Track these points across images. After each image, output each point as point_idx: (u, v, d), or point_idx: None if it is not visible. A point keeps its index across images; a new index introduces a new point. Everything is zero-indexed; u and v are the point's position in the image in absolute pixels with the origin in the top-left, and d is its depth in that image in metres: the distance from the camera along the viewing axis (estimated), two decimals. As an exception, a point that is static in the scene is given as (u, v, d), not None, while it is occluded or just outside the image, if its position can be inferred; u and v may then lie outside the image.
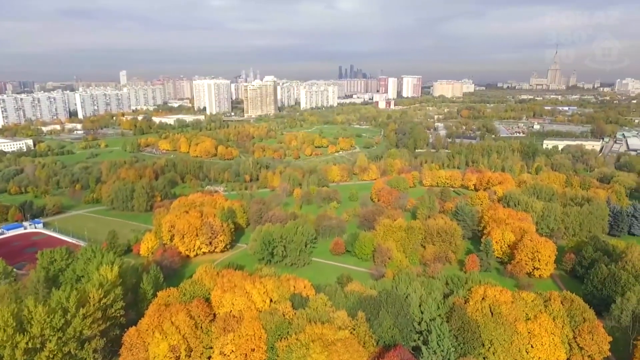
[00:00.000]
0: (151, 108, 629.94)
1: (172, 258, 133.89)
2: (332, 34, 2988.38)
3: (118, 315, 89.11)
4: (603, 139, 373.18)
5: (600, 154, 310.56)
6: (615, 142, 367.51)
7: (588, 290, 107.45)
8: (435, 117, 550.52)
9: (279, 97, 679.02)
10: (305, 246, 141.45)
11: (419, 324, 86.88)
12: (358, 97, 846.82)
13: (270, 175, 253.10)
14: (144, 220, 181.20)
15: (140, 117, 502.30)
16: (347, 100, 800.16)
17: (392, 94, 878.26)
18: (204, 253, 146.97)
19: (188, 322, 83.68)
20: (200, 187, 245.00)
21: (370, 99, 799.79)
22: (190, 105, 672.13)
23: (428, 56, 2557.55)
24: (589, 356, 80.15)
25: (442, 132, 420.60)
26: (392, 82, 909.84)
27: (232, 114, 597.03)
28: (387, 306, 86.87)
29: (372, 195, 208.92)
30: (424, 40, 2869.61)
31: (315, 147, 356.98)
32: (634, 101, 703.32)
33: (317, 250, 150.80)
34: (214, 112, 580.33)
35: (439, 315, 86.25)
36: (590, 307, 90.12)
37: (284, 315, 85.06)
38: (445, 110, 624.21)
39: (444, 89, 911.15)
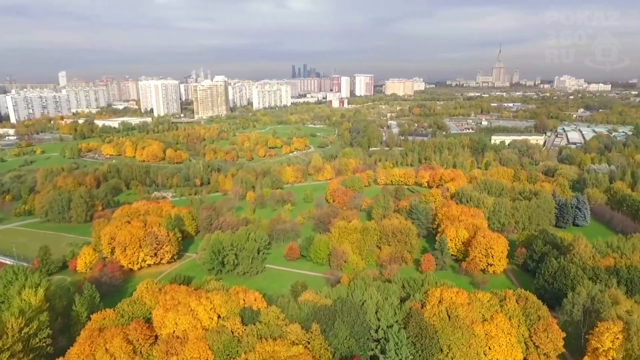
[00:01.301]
0: (94, 111, 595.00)
1: (113, 273, 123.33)
2: (284, 34, 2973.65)
3: (44, 345, 79.22)
4: (546, 133, 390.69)
5: (544, 148, 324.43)
6: (556, 136, 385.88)
7: (540, 285, 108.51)
8: (388, 115, 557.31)
9: (230, 97, 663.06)
10: (258, 253, 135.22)
11: (376, 331, 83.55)
12: (312, 97, 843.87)
13: (221, 178, 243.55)
14: (83, 232, 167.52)
15: (81, 121, 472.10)
16: (301, 100, 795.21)
17: (345, 92, 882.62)
18: (149, 265, 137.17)
19: (125, 348, 75.59)
20: (146, 193, 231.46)
21: (323, 98, 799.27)
22: (136, 107, 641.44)
23: (380, 55, 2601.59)
24: (544, 354, 79.73)
25: (395, 130, 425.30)
26: (345, 81, 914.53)
27: (182, 115, 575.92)
28: (342, 315, 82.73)
29: (327, 196, 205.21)
30: (375, 39, 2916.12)
31: (269, 147, 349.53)
32: (571, 97, 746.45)
33: (271, 256, 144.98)
34: (162, 114, 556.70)
35: (396, 322, 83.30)
36: (543, 303, 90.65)
37: (232, 333, 78.94)
38: (398, 109, 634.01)
39: (395, 87, 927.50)
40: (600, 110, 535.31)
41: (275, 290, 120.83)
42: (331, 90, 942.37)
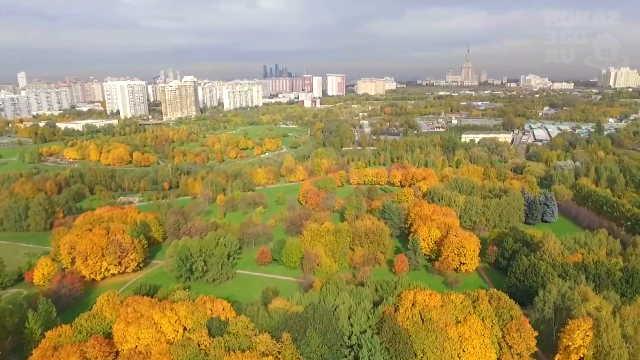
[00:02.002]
0: (56, 113, 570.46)
1: (73, 285, 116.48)
2: (255, 33, 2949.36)
3: (-8, 367, 73.22)
4: (513, 131, 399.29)
5: (512, 146, 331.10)
6: (524, 133, 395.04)
7: (512, 283, 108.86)
8: (360, 114, 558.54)
9: (200, 98, 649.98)
10: (228, 258, 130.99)
11: (349, 337, 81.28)
12: (284, 97, 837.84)
13: (191, 181, 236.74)
14: (42, 241, 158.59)
15: (42, 124, 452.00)
16: (273, 100, 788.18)
17: (317, 92, 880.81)
18: (113, 275, 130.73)
19: (82, 367, 70.55)
20: (112, 199, 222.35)
21: (296, 98, 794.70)
22: (102, 109, 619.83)
23: (352, 55, 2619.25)
24: (518, 354, 79.33)
25: (367, 130, 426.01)
26: (316, 81, 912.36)
27: (150, 117, 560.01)
28: (314, 322, 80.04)
29: (300, 197, 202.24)
30: (347, 39, 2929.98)
31: (240, 149, 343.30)
32: (537, 95, 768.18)
33: (242, 261, 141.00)
34: (128, 116, 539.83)
35: (370, 327, 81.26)
36: (515, 301, 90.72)
37: (199, 346, 75.03)
38: (370, 108, 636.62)
39: (367, 86, 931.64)
40: (564, 108, 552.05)
41: (246, 296, 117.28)
42: (303, 90, 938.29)
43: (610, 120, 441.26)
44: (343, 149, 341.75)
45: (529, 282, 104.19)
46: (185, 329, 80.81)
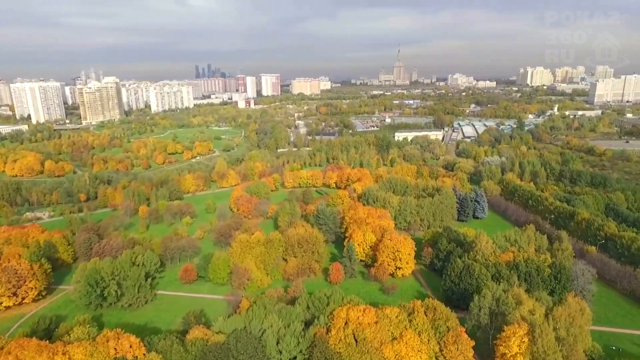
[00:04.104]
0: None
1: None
2: (186, 32, 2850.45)
3: None
4: (444, 128, 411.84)
5: (443, 143, 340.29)
6: (453, 131, 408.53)
7: (447, 286, 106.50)
8: (296, 115, 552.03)
9: (125, 100, 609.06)
10: (147, 279, 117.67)
11: (278, 366, 72.99)
12: (217, 97, 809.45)
13: (110, 191, 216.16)
14: None
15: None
16: (205, 101, 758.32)
17: (251, 93, 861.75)
18: (8, 308, 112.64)
19: None
20: (16, 215, 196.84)
21: (229, 99, 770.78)
22: (10, 113, 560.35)
23: (286, 55, 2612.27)
24: (456, 367, 75.40)
25: (303, 130, 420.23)
26: (250, 81, 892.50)
27: (67, 121, 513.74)
28: (237, 353, 71.00)
29: (231, 204, 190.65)
30: (281, 39, 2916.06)
31: (169, 154, 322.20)
32: (464, 93, 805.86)
33: (164, 280, 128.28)
34: (41, 121, 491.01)
35: (300, 352, 73.86)
36: (452, 306, 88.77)
37: (97, 397, 62.96)
38: (305, 108, 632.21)
39: (302, 86, 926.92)
40: (488, 105, 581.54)
41: (166, 321, 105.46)
42: (237, 90, 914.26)
43: (530, 116, 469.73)
44: (278, 150, 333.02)
45: (464, 285, 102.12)
46: (82, 375, 68.26)
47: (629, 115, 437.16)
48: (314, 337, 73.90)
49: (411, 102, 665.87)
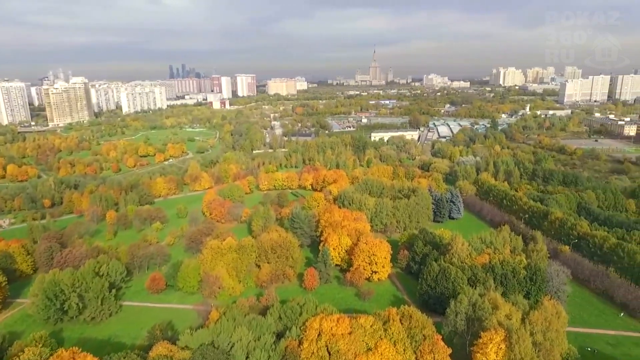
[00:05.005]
0: None
1: None
2: (159, 32, 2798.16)
3: None
4: (419, 128, 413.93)
5: (419, 143, 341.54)
6: (428, 131, 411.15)
7: (423, 290, 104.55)
8: (272, 115, 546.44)
9: (94, 100, 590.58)
10: (111, 290, 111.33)
11: (248, 382, 69.06)
12: (191, 98, 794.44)
13: (77, 196, 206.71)
14: None
15: None
16: (179, 102, 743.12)
17: (226, 93, 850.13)
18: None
19: None
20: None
21: (204, 100, 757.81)
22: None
23: (262, 55, 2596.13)
24: (433, 376, 73.07)
25: (279, 131, 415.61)
26: (225, 81, 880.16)
27: (33, 123, 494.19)
28: (204, 371, 66.61)
29: (204, 208, 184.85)
30: (256, 39, 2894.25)
31: (140, 156, 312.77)
32: (439, 94, 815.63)
33: (131, 290, 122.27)
34: (4, 122, 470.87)
35: (271, 367, 69.74)
36: (428, 310, 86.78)
37: None
38: (281, 109, 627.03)
39: (278, 87, 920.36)
40: (463, 105, 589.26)
41: (131, 335, 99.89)
42: (212, 91, 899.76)
43: (503, 116, 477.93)
44: (254, 151, 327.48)
45: (440, 289, 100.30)
46: (33, 401, 62.73)
47: (597, 115, 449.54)
48: (285, 351, 70.39)
49: (387, 102, 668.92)
